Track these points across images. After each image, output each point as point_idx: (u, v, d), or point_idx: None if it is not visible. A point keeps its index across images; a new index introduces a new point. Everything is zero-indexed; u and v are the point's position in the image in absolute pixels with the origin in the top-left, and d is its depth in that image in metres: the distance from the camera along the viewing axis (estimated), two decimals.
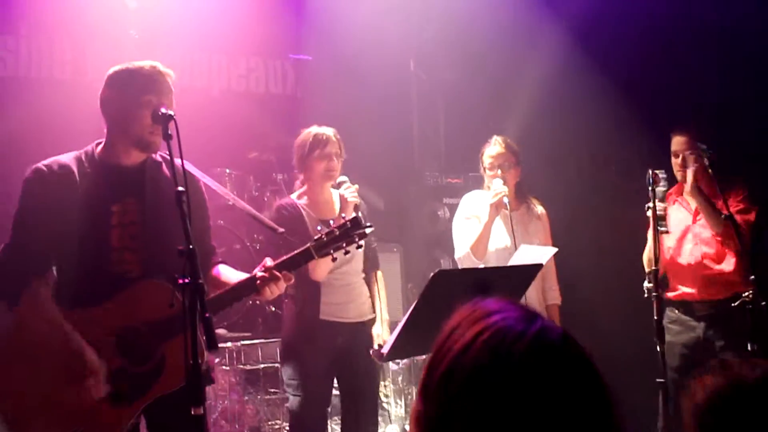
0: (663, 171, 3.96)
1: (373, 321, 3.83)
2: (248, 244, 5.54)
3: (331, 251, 2.75)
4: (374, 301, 3.87)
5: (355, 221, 2.77)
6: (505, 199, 3.92)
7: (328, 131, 3.76)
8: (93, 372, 2.50)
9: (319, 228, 2.83)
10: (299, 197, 3.76)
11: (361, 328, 3.77)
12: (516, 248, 3.98)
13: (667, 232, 3.91)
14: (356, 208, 3.57)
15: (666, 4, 5.50)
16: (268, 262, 2.68)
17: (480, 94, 6.12)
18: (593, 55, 5.53)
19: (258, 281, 2.62)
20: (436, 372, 1.11)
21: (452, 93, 6.30)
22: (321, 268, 3.50)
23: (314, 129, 3.78)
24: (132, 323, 2.55)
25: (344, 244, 2.76)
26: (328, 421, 4.02)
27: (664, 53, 5.56)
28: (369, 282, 3.87)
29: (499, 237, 4.06)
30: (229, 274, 2.80)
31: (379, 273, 3.95)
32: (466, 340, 1.10)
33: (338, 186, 3.70)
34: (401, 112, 6.34)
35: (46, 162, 2.67)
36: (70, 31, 5.52)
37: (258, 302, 5.06)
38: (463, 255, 4.03)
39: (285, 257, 2.73)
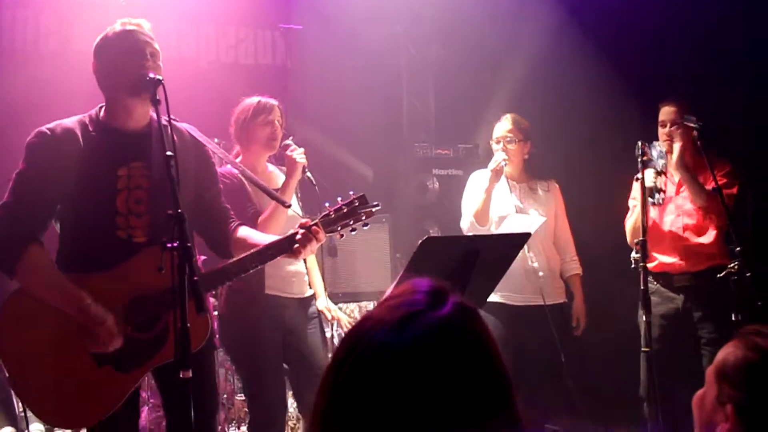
0: (659, 144, 4.00)
1: (311, 298, 3.76)
2: None
3: (338, 228, 2.76)
4: (311, 276, 3.80)
5: (362, 198, 2.78)
6: (502, 164, 4.00)
7: (273, 101, 3.67)
8: (101, 323, 2.50)
9: (327, 204, 2.81)
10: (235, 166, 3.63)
11: (304, 303, 3.71)
12: (526, 212, 4.08)
13: (660, 204, 3.95)
14: (304, 169, 3.51)
15: None
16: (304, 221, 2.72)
17: (470, 67, 6.11)
18: (585, 28, 5.53)
19: (299, 237, 2.64)
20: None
21: (442, 65, 6.28)
22: (276, 227, 3.35)
23: (256, 97, 3.68)
24: (140, 290, 2.56)
25: (351, 221, 2.76)
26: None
27: (657, 25, 5.56)
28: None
29: (504, 204, 4.12)
30: (254, 236, 2.81)
31: None
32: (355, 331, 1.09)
33: (285, 148, 3.58)
34: (391, 84, 6.32)
35: (49, 125, 2.65)
36: (55, 2, 5.44)
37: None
38: (467, 225, 4.12)
39: (293, 232, 2.71)
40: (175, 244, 2.13)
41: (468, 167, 5.33)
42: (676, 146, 4.10)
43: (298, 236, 2.65)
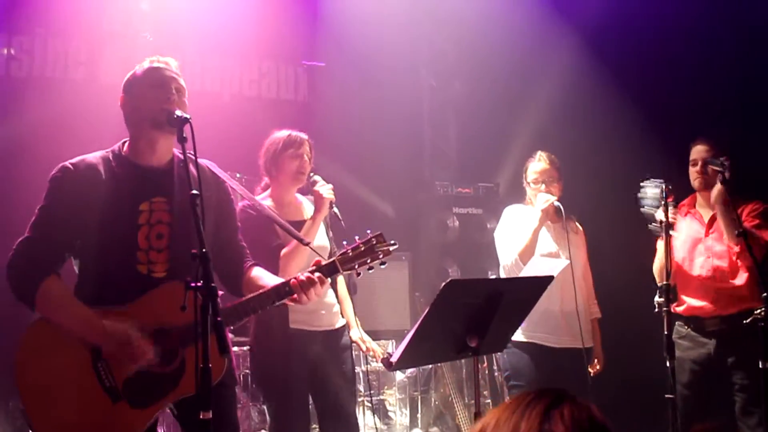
0: (659, 180, 3.94)
1: (343, 329, 3.75)
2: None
3: (356, 266, 2.74)
4: (343, 307, 3.80)
5: (380, 237, 2.76)
6: (557, 203, 3.96)
7: (303, 135, 3.72)
8: (128, 340, 2.49)
9: (345, 242, 2.80)
10: (263, 199, 3.66)
11: (333, 337, 3.69)
12: (561, 254, 4.02)
13: (670, 235, 3.87)
14: (331, 205, 3.54)
15: (680, 10, 5.49)
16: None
17: (491, 105, 6.13)
18: (607, 64, 5.52)
19: (292, 285, 2.61)
20: None
21: (463, 103, 6.31)
22: (295, 263, 3.37)
23: (287, 131, 3.74)
24: (158, 325, 2.55)
25: (369, 260, 2.74)
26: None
27: (679, 61, 5.55)
28: (334, 287, 3.77)
29: (545, 243, 4.08)
30: (267, 278, 2.78)
31: (340, 277, 3.81)
32: None
33: (312, 184, 3.61)
34: (412, 121, 6.35)
35: (73, 160, 2.67)
36: (85, 33, 5.54)
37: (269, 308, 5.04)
38: (510, 262, 4.04)
39: (312, 267, 2.70)
40: (199, 284, 2.11)
41: (488, 206, 5.34)
42: (718, 180, 4.00)
43: (287, 287, 2.63)
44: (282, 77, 6.32)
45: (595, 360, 4.19)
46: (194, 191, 2.28)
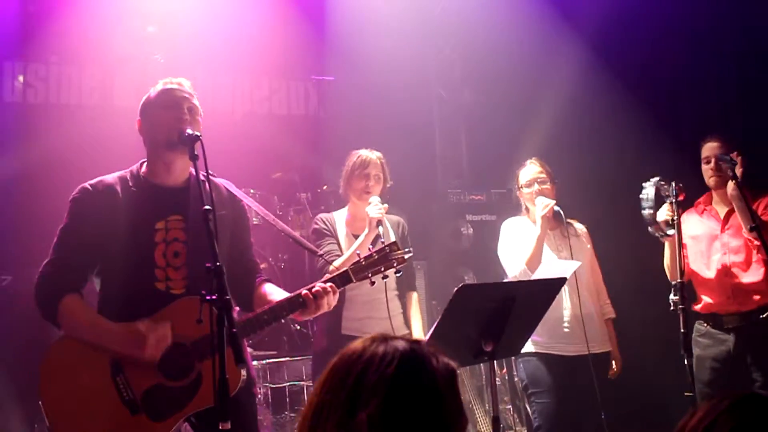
0: (656, 179, 3.92)
1: None
2: (273, 262, 5.58)
3: (369, 275, 2.80)
4: (409, 323, 3.92)
5: (393, 246, 2.83)
6: (556, 207, 3.94)
7: (374, 155, 3.96)
8: (144, 335, 2.54)
9: (360, 253, 2.88)
10: (341, 212, 3.99)
11: None
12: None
13: (671, 235, 3.85)
14: (379, 223, 3.65)
15: (685, 18, 5.50)
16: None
17: (500, 112, 6.15)
18: (613, 67, 5.53)
19: (304, 296, 2.65)
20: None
21: (473, 111, 6.34)
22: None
23: (363, 151, 3.97)
24: (175, 339, 2.59)
25: (382, 268, 2.81)
26: None
27: (685, 68, 5.55)
28: (403, 302, 3.92)
29: (545, 253, 4.05)
30: (276, 294, 2.81)
31: (415, 294, 4.01)
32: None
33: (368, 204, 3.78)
34: (423, 131, 6.38)
35: (92, 182, 2.75)
36: (98, 59, 5.65)
37: (283, 320, 5.10)
38: (518, 272, 3.98)
39: (327, 277, 2.76)
40: (214, 297, 2.15)
41: (501, 212, 5.32)
42: (737, 172, 3.97)
43: (300, 298, 2.67)
44: (292, 93, 6.40)
45: (613, 363, 4.14)
46: (207, 207, 2.33)
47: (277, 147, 6.06)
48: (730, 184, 3.95)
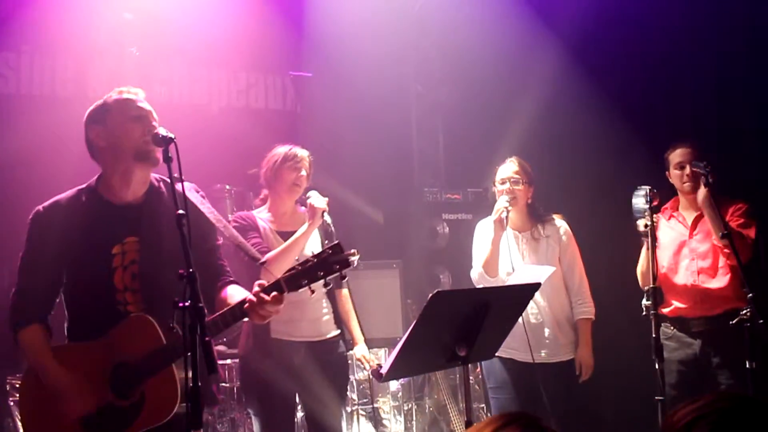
0: (645, 187, 3.95)
1: (335, 340, 3.79)
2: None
3: (304, 283, 2.47)
4: (348, 323, 3.87)
5: (336, 248, 2.49)
6: (504, 214, 3.94)
7: (304, 151, 3.85)
8: (67, 395, 2.58)
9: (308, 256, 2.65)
10: (260, 211, 3.84)
11: (319, 348, 3.71)
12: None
13: (652, 240, 3.89)
14: (323, 214, 3.61)
15: (662, 19, 5.54)
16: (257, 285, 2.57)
17: (478, 110, 6.16)
18: (591, 72, 5.57)
19: (246, 306, 2.53)
20: None
21: (451, 110, 6.34)
22: (280, 264, 3.39)
23: (290, 146, 3.87)
24: (124, 358, 2.58)
25: (322, 274, 2.47)
26: None
27: (661, 70, 5.60)
28: (333, 300, 3.82)
29: (507, 260, 4.06)
30: (237, 296, 2.71)
31: (345, 291, 3.91)
32: None
33: (308, 197, 3.69)
34: (400, 129, 6.37)
35: (46, 204, 2.72)
36: (72, 49, 5.54)
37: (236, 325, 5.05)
38: (477, 275, 4.06)
39: (256, 288, 2.55)
40: (186, 303, 2.13)
41: (477, 211, 5.34)
42: (702, 190, 4.02)
43: (246, 305, 2.52)
44: (270, 87, 6.34)
45: (579, 364, 4.12)
46: (180, 211, 2.30)
47: (254, 142, 5.99)
48: (702, 191, 3.99)
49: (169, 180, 2.42)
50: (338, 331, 3.81)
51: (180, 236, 2.26)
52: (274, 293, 2.48)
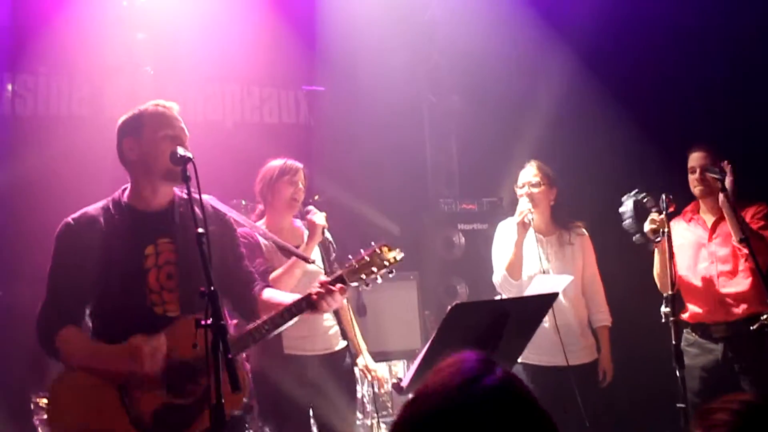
0: (635, 192, 3.94)
1: (344, 351, 3.81)
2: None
3: (362, 277, 2.75)
4: (350, 334, 3.89)
5: (385, 246, 2.80)
6: (528, 216, 3.96)
7: (298, 164, 3.85)
8: (139, 348, 2.54)
9: (350, 257, 2.83)
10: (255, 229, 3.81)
11: (330, 360, 3.76)
12: (551, 272, 4.02)
13: (658, 242, 3.88)
14: (323, 231, 3.66)
15: (674, 23, 5.53)
16: (322, 278, 2.77)
17: (491, 119, 6.16)
18: (602, 77, 5.56)
19: (314, 296, 2.67)
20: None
21: (464, 120, 6.34)
22: (289, 278, 3.50)
23: (284, 159, 3.86)
24: (178, 357, 2.60)
25: (375, 269, 2.76)
26: None
27: (674, 74, 5.58)
28: (336, 313, 3.83)
29: (532, 263, 4.08)
30: (279, 296, 2.85)
31: (344, 302, 3.85)
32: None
33: (306, 213, 3.72)
34: (414, 141, 6.38)
35: (74, 215, 2.75)
36: (87, 69, 5.61)
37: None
38: (500, 278, 4.07)
39: (325, 280, 2.75)
40: (208, 322, 2.15)
41: (493, 221, 5.32)
42: (728, 181, 3.97)
43: (314, 294, 2.69)
44: (283, 102, 6.37)
45: (603, 370, 4.14)
46: (200, 230, 2.33)
47: (269, 156, 6.03)
48: (721, 197, 3.98)
49: (191, 195, 2.45)
50: (345, 343, 3.86)
51: (200, 255, 2.29)
52: (340, 285, 2.68)
